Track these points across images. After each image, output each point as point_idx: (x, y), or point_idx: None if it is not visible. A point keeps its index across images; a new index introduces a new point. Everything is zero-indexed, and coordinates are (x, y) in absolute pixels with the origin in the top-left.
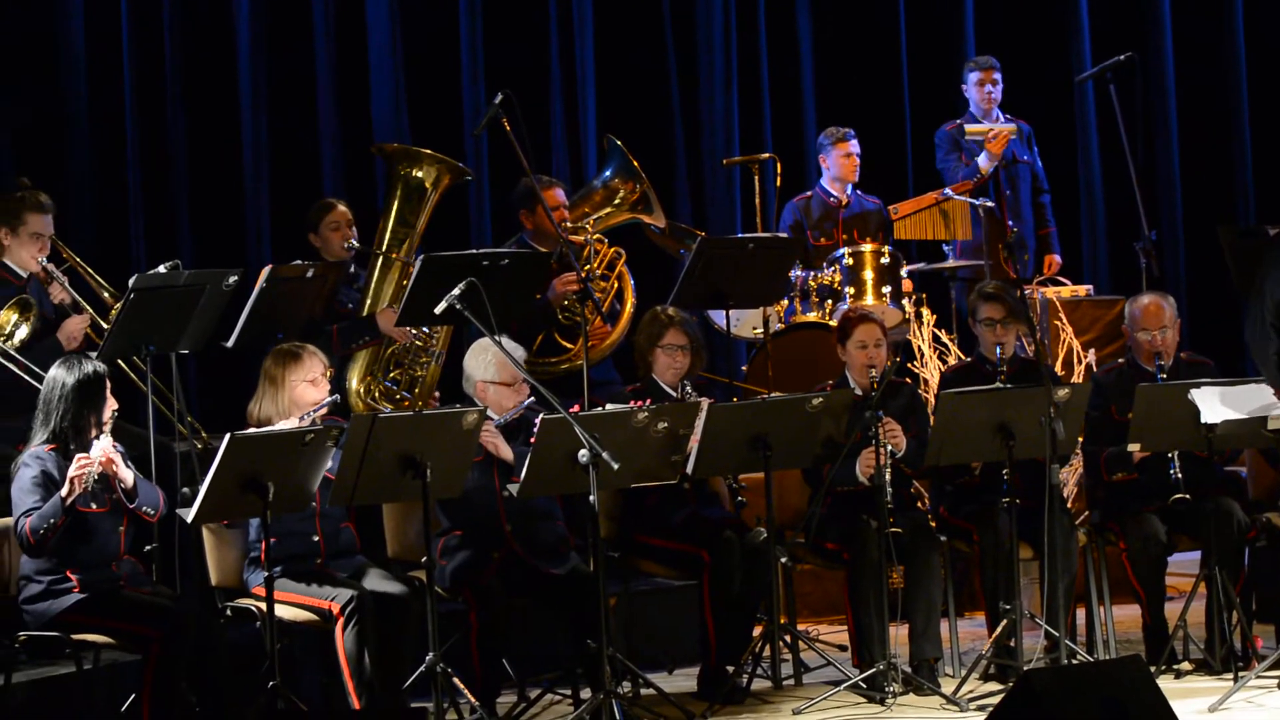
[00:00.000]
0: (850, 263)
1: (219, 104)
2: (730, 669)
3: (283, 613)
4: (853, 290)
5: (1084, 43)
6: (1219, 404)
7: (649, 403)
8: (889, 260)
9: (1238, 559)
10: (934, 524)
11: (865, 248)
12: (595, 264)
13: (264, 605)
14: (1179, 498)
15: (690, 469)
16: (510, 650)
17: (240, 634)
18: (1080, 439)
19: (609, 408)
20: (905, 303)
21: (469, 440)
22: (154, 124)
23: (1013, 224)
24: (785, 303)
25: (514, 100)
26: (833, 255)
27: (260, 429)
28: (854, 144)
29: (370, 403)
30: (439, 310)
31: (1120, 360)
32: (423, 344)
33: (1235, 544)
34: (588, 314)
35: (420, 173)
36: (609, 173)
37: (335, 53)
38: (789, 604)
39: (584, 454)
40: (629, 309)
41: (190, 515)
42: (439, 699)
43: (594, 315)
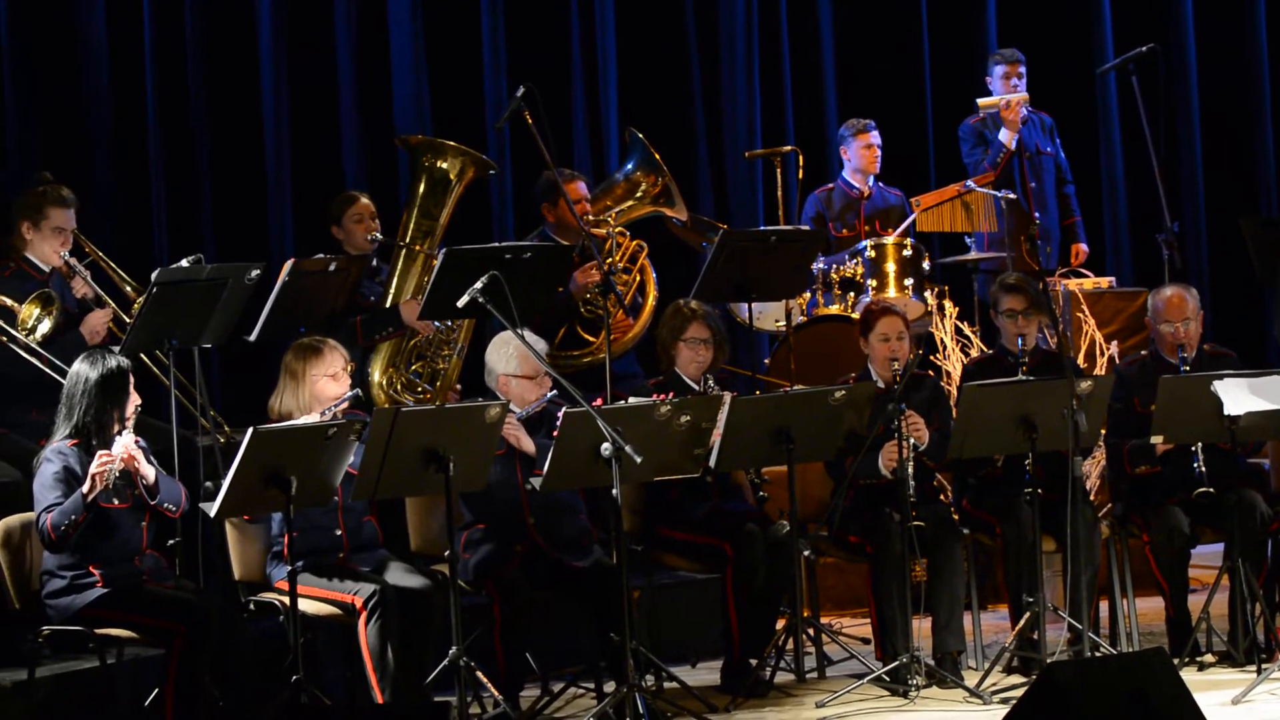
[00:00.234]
0: (872, 255)
1: (241, 98)
2: (753, 662)
3: (306, 607)
4: (875, 283)
5: (1106, 34)
6: (1242, 396)
7: (671, 396)
8: (911, 253)
9: (1261, 551)
10: (956, 517)
11: (887, 240)
12: (617, 257)
13: (287, 599)
14: (1202, 492)
15: (713, 462)
16: (533, 643)
17: (263, 628)
18: (1103, 431)
19: (631, 401)
20: (928, 295)
21: (492, 433)
22: (176, 118)
23: (1038, 215)
24: (807, 295)
25: (536, 93)
26: (855, 248)
27: (283, 423)
28: (875, 135)
29: (393, 394)
30: (461, 304)
31: (1143, 352)
32: (444, 337)
33: (1258, 536)
34: (610, 307)
35: (445, 163)
36: (631, 166)
37: (357, 46)
38: (812, 597)
39: (606, 447)
40: (651, 302)
41: (213, 510)
42: (462, 692)
43: (616, 308)
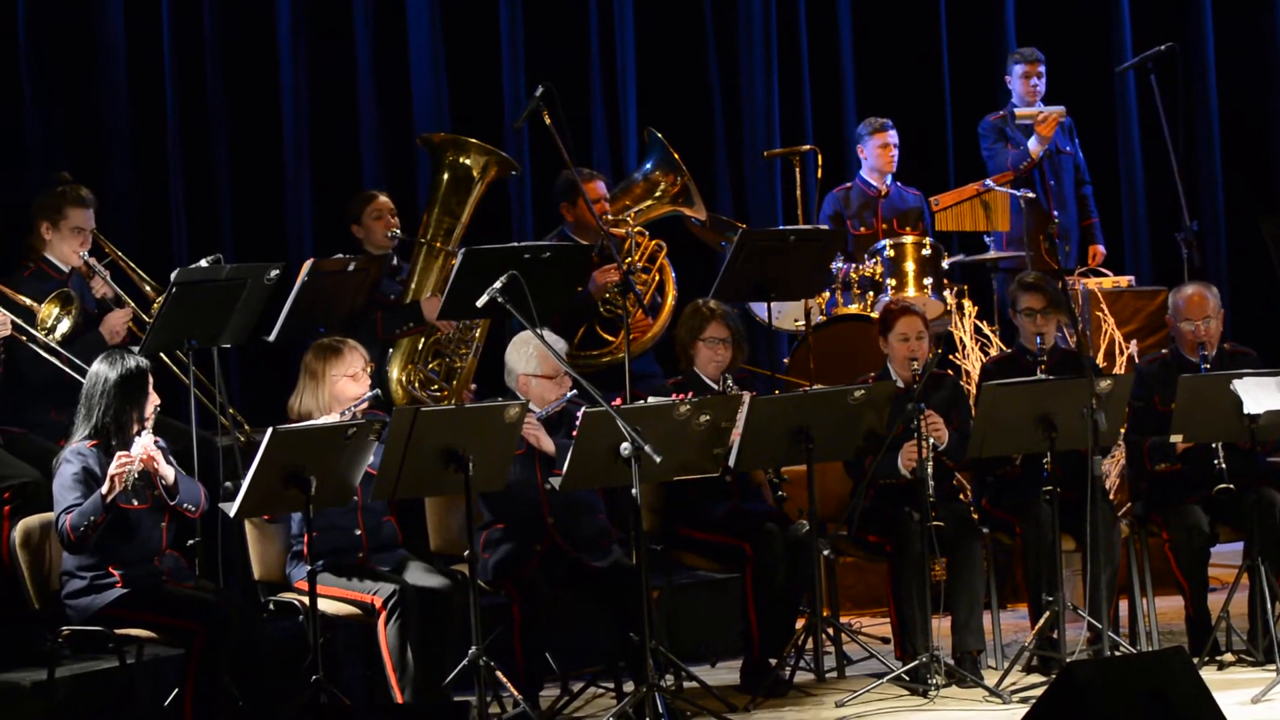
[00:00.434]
0: (892, 254)
1: (260, 97)
2: (773, 662)
3: (325, 607)
4: (894, 282)
5: (1124, 33)
6: (1262, 394)
7: (690, 395)
8: (930, 252)
9: None
10: (976, 516)
11: (906, 239)
12: (636, 257)
13: (306, 599)
14: (1223, 488)
15: (732, 462)
16: (553, 643)
17: (283, 628)
18: (1123, 429)
19: (651, 401)
20: (947, 294)
21: (511, 433)
22: (195, 118)
23: (1057, 214)
24: (826, 295)
25: (554, 93)
26: (874, 247)
27: (302, 423)
28: (892, 134)
29: (411, 391)
30: (481, 303)
31: (1164, 351)
32: (463, 335)
33: (1278, 535)
34: (629, 307)
35: (468, 160)
36: (650, 165)
37: (376, 45)
38: (831, 596)
39: (626, 447)
40: (670, 302)
41: (233, 510)
42: (482, 692)
43: (635, 308)
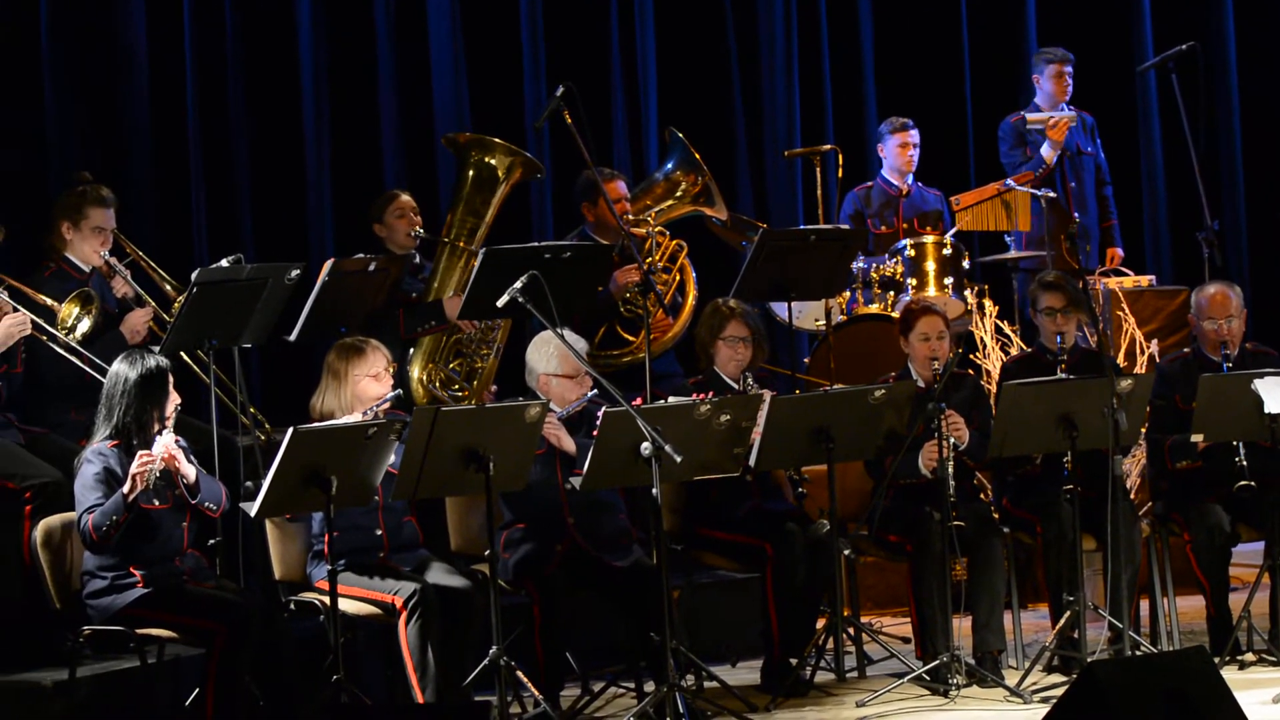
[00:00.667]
0: (912, 254)
1: (281, 97)
2: (793, 661)
3: (346, 606)
4: (915, 282)
5: (1145, 32)
6: None
7: (711, 395)
8: (951, 251)
9: None
10: (996, 515)
11: (927, 239)
12: (657, 256)
13: (327, 599)
14: (1244, 485)
15: (753, 461)
16: (573, 643)
17: (304, 628)
18: (1144, 428)
19: (671, 400)
20: (968, 294)
21: (532, 433)
22: (216, 117)
23: (1077, 214)
24: (847, 294)
25: (575, 92)
26: (895, 247)
27: (323, 423)
28: (913, 134)
29: (432, 390)
30: (501, 303)
31: (1186, 350)
32: (484, 335)
33: None
34: (650, 306)
35: (493, 160)
36: (670, 165)
37: (397, 45)
38: (852, 596)
39: (646, 447)
40: (691, 301)
41: (253, 509)
42: (502, 692)
43: (656, 308)
